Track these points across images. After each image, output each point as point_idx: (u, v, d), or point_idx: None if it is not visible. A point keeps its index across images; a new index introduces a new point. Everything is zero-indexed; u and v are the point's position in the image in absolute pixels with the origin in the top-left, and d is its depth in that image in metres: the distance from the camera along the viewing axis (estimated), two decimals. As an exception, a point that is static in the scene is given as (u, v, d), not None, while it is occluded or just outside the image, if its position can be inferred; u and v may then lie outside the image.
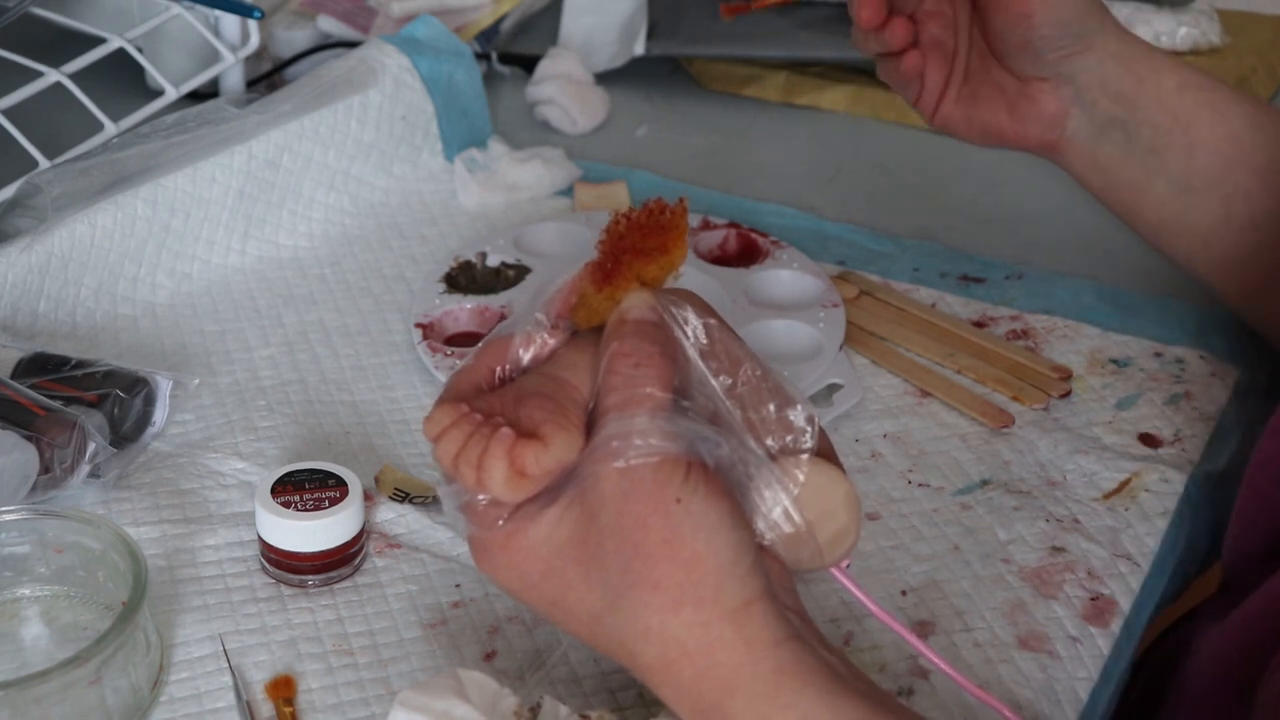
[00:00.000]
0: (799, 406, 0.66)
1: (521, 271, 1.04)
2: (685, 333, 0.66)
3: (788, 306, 1.01)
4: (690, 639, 0.62)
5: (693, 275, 0.98)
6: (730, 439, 0.64)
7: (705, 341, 0.66)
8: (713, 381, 0.65)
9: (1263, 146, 0.94)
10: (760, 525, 0.65)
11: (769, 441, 0.66)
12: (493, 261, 1.05)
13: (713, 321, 0.67)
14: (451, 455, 0.64)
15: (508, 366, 0.67)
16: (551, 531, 0.64)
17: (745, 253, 1.07)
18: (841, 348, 0.97)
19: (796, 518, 0.65)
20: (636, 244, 0.65)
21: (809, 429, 0.66)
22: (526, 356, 0.67)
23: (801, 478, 0.65)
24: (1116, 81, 0.94)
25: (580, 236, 1.08)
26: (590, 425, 0.64)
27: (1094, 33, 0.93)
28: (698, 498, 0.62)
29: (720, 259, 1.06)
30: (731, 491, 0.64)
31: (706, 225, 1.08)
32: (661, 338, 0.65)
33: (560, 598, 0.65)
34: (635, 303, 0.66)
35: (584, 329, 0.67)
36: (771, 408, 0.66)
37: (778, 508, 0.65)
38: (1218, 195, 0.94)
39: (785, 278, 1.03)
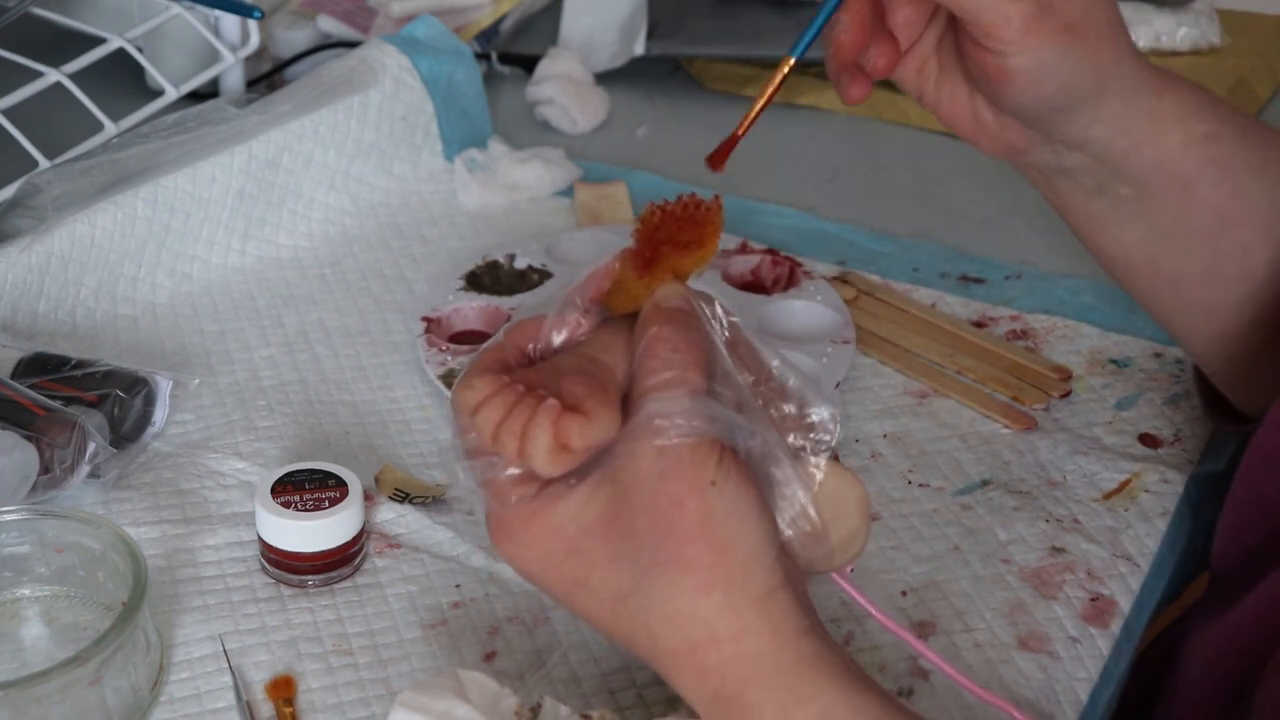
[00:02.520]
0: (821, 406, 0.67)
1: (545, 277, 1.04)
2: (714, 326, 0.66)
3: (797, 338, 0.99)
4: (720, 623, 0.62)
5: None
6: (761, 431, 0.65)
7: (729, 337, 0.67)
8: (738, 376, 0.66)
9: (1266, 198, 0.85)
10: (780, 521, 0.65)
11: (789, 439, 0.66)
12: (520, 264, 1.05)
13: (735, 319, 0.67)
14: (493, 424, 0.63)
15: (538, 346, 0.67)
16: (580, 509, 0.64)
17: (779, 280, 1.04)
18: (838, 386, 0.95)
19: (814, 516, 0.65)
20: (674, 235, 0.67)
21: (831, 428, 0.67)
22: (559, 338, 0.67)
23: (820, 477, 0.66)
24: (1103, 144, 0.82)
25: (615, 247, 1.06)
26: (624, 408, 0.64)
27: (1087, 100, 0.80)
28: (731, 483, 0.63)
29: (751, 284, 1.04)
30: (759, 481, 0.64)
31: (744, 249, 1.06)
32: (696, 326, 0.66)
33: (584, 577, 0.64)
34: (669, 292, 0.67)
35: (618, 314, 0.68)
36: (792, 406, 0.67)
37: (797, 505, 0.65)
38: (1207, 249, 0.85)
39: (799, 309, 1.01)
